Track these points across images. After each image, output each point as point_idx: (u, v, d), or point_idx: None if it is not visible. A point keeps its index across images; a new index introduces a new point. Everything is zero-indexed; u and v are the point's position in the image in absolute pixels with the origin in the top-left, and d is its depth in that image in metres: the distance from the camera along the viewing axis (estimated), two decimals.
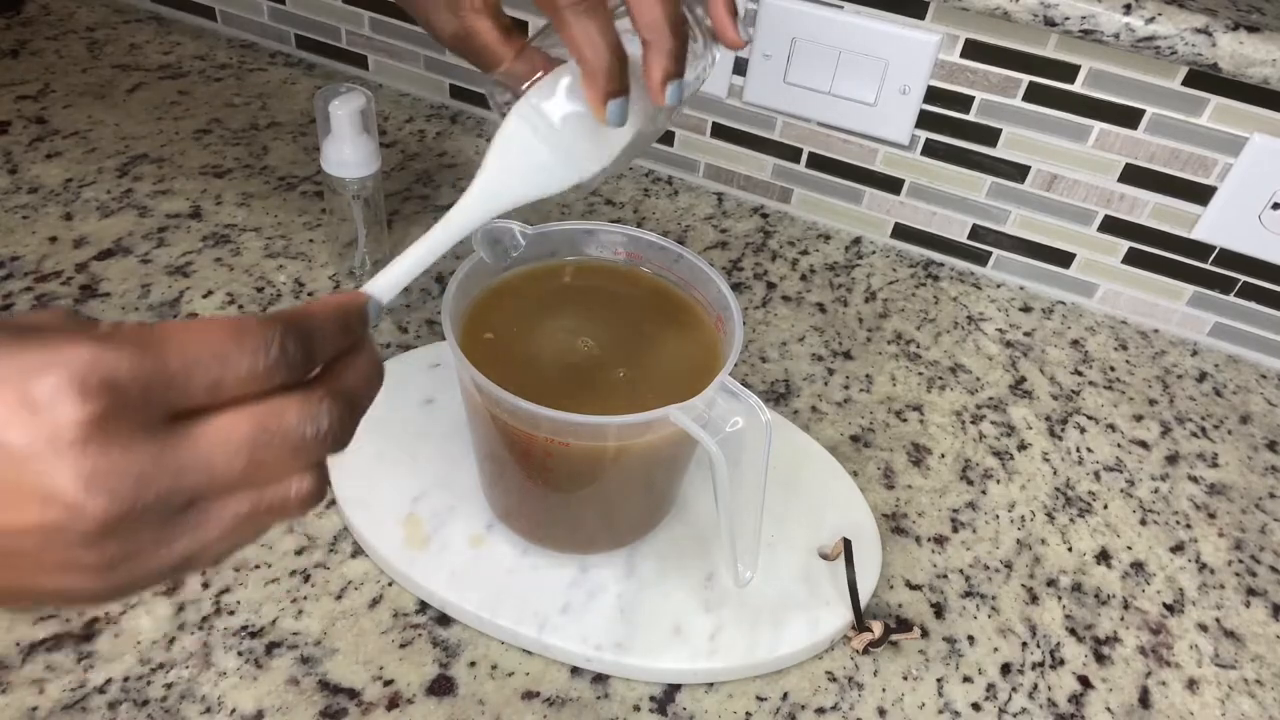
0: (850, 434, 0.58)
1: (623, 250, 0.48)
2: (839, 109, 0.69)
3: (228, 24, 0.88)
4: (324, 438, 0.29)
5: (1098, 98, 0.62)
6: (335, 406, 0.29)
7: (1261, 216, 0.62)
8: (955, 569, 0.52)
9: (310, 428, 0.28)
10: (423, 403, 0.54)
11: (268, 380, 0.28)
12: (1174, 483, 0.59)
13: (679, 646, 0.45)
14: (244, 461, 0.28)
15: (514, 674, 0.44)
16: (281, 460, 0.28)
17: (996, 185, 0.69)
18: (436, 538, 0.48)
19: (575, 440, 0.40)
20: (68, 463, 0.25)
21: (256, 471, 0.28)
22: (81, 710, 0.41)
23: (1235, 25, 0.56)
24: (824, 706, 0.45)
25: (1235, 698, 0.48)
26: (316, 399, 0.29)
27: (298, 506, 0.29)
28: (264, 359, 0.27)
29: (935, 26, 0.64)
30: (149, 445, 0.26)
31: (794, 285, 0.69)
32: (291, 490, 0.29)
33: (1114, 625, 0.50)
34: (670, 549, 0.49)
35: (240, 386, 0.27)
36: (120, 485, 0.25)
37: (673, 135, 0.76)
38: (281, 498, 0.29)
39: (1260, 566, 0.54)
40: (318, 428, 0.29)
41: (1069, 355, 0.67)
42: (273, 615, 0.45)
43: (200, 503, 0.28)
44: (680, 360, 0.45)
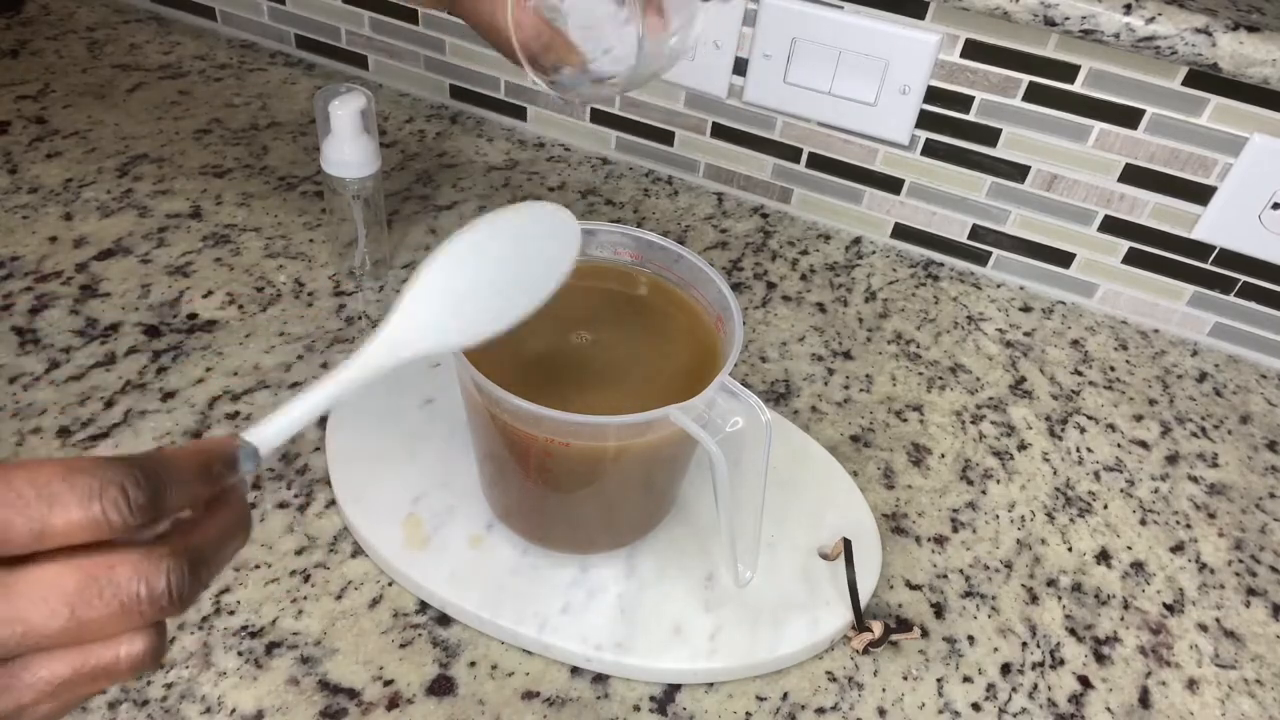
0: (850, 434, 0.58)
1: (623, 250, 0.48)
2: (839, 109, 0.69)
3: (228, 24, 0.88)
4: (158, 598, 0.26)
5: (1098, 98, 0.62)
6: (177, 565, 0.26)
7: (1261, 216, 0.62)
8: (955, 569, 0.52)
9: (143, 587, 0.25)
10: (423, 403, 0.54)
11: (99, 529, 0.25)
12: (1174, 483, 0.59)
13: (679, 646, 0.45)
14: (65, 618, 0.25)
15: (514, 674, 0.44)
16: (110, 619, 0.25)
17: (996, 185, 0.69)
18: (436, 538, 0.48)
19: (575, 440, 0.40)
20: None
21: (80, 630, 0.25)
22: (81, 710, 0.41)
23: (1235, 25, 0.56)
24: (824, 706, 0.45)
25: (1235, 698, 0.48)
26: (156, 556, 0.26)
27: (127, 669, 0.27)
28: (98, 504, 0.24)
29: (935, 26, 0.64)
30: None
31: (794, 285, 0.69)
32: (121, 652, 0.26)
33: (1114, 625, 0.50)
34: (670, 549, 0.49)
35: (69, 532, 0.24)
36: None
37: (672, 135, 0.76)
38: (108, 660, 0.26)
39: (1260, 566, 0.54)
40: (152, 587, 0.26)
41: (1069, 355, 0.67)
42: (273, 615, 0.45)
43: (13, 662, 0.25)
44: (680, 360, 0.45)
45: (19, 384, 0.53)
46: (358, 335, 0.60)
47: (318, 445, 0.53)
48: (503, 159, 0.78)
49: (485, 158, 0.78)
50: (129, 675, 0.27)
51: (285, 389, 0.55)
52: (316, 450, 0.52)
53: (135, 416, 0.53)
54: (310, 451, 0.52)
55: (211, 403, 0.54)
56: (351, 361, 0.33)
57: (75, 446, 0.51)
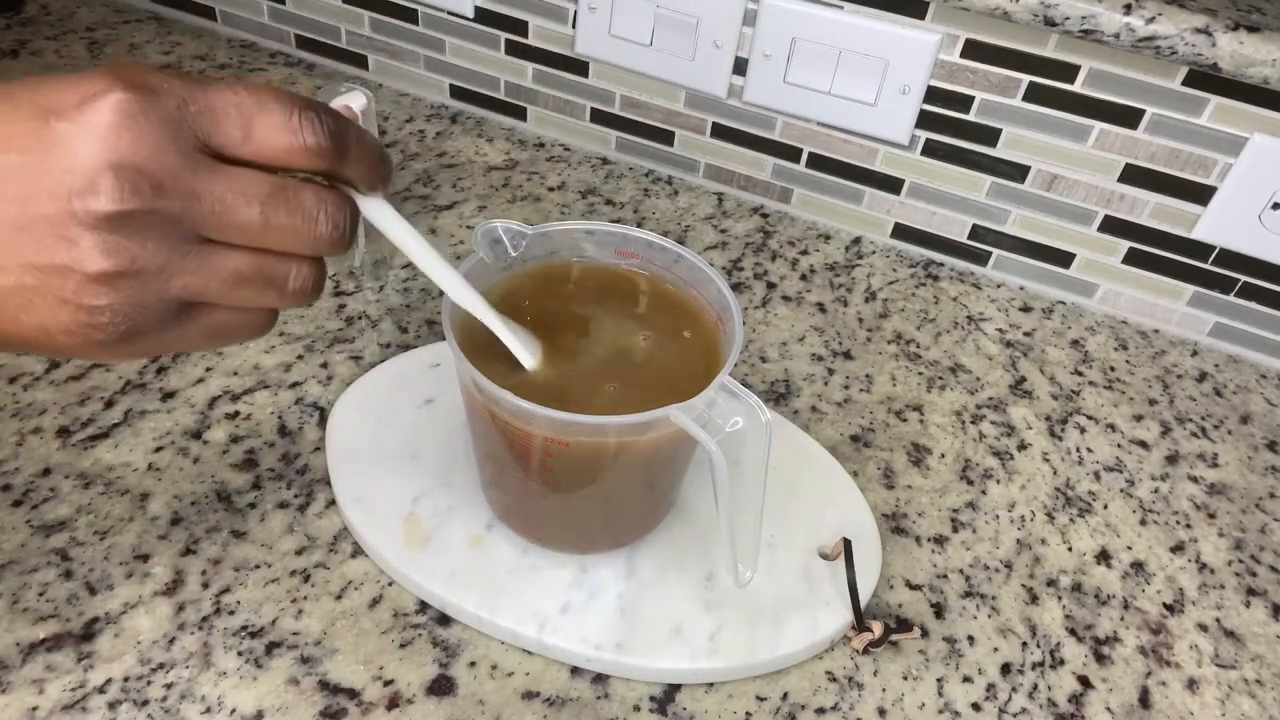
0: (850, 434, 0.58)
1: (623, 250, 0.48)
2: (839, 109, 0.69)
3: (228, 24, 0.88)
4: (331, 230, 0.30)
5: (1098, 98, 0.62)
6: (347, 205, 0.30)
7: (1261, 216, 0.62)
8: (955, 569, 0.52)
9: (321, 213, 0.29)
10: (423, 403, 0.54)
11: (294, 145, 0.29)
12: (1174, 483, 0.59)
13: (679, 646, 0.45)
14: (255, 214, 0.28)
15: (514, 674, 0.44)
16: (289, 232, 0.29)
17: (996, 185, 0.69)
18: (436, 538, 0.48)
19: (575, 440, 0.40)
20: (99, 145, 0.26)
21: (264, 231, 0.29)
22: (81, 710, 0.41)
23: (1235, 25, 0.56)
24: (824, 706, 0.45)
25: (1235, 698, 0.48)
26: (334, 194, 0.30)
27: (294, 290, 0.30)
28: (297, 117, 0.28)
29: (935, 26, 0.64)
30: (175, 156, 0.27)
31: (794, 285, 0.69)
32: (291, 270, 0.30)
33: (1114, 625, 0.50)
34: (670, 549, 0.49)
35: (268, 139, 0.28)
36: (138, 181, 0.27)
37: (672, 135, 0.76)
38: (281, 273, 0.30)
39: (1260, 566, 0.54)
40: (330, 215, 0.30)
41: (1069, 355, 0.67)
42: (273, 615, 0.45)
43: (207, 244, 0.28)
44: (680, 360, 0.45)
45: (19, 384, 0.53)
46: (358, 335, 0.60)
47: (318, 445, 0.53)
48: (503, 159, 0.78)
49: (485, 158, 0.78)
50: (294, 299, 0.31)
51: (285, 389, 0.55)
52: (316, 450, 0.52)
53: (135, 416, 0.53)
54: (310, 451, 0.52)
55: (211, 403, 0.54)
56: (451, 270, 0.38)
57: (75, 447, 0.51)
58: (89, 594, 0.45)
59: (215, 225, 0.28)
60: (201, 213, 0.28)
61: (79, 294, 0.27)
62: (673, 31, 0.70)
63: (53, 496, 0.48)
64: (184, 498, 0.49)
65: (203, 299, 0.30)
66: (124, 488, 0.49)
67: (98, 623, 0.44)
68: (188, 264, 0.28)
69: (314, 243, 0.30)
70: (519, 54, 0.77)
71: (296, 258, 0.30)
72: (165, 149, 0.27)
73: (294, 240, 0.30)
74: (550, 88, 0.78)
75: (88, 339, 0.28)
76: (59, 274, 0.27)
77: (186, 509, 0.49)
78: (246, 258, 0.29)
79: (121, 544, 0.47)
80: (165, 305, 0.29)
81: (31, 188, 0.27)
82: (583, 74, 0.76)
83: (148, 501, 0.49)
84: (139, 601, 0.45)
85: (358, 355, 0.58)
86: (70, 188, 0.27)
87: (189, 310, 0.30)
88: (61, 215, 0.27)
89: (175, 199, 0.28)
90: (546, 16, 0.74)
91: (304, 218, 0.29)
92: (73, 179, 0.27)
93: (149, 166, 0.27)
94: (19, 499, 0.48)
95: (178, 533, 0.48)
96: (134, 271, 0.28)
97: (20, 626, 0.43)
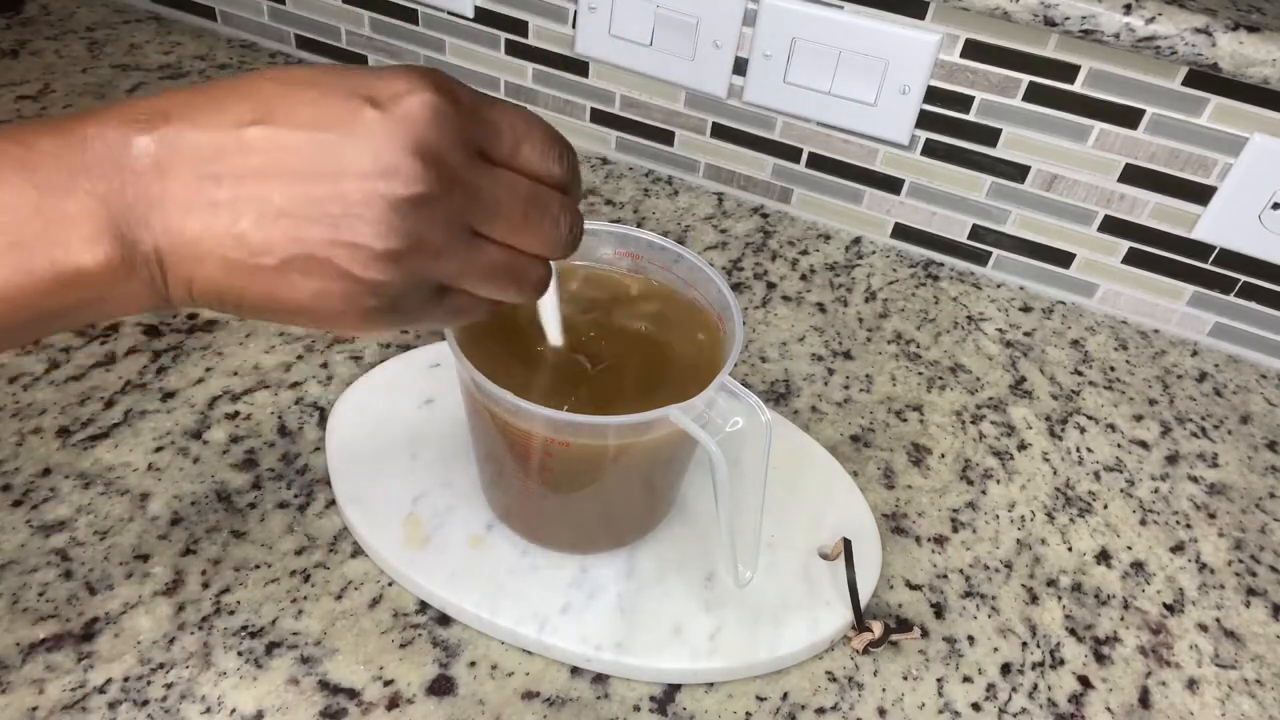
0: (850, 434, 0.58)
1: (623, 250, 0.48)
2: (839, 109, 0.69)
3: (228, 24, 0.88)
4: (568, 233, 0.34)
5: (1098, 98, 0.62)
6: (579, 220, 0.35)
7: (1261, 216, 0.62)
8: (955, 569, 0.52)
9: (564, 216, 0.34)
10: (423, 403, 0.54)
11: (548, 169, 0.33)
12: (1174, 483, 0.59)
13: (679, 646, 0.45)
14: (519, 211, 0.32)
15: (514, 674, 0.44)
16: (538, 231, 0.33)
17: (996, 185, 0.69)
18: (436, 538, 0.48)
19: (575, 440, 0.40)
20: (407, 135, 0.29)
21: (522, 229, 0.33)
22: (81, 710, 0.41)
23: (1235, 25, 0.56)
24: (824, 706, 0.45)
25: (1235, 698, 0.48)
26: (573, 204, 0.35)
27: (531, 283, 0.35)
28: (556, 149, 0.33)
29: (935, 26, 0.64)
30: (464, 155, 0.31)
31: (794, 285, 0.69)
32: (532, 269, 0.34)
33: (1114, 625, 0.50)
34: (670, 549, 0.49)
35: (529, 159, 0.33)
36: (439, 170, 0.30)
37: (672, 135, 0.76)
38: (523, 271, 0.34)
39: (1260, 566, 0.54)
40: (569, 222, 0.34)
41: (1069, 355, 0.67)
42: (273, 615, 0.45)
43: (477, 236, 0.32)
44: (680, 360, 0.45)
45: (19, 384, 0.53)
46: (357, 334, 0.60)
47: (318, 445, 0.53)
48: None
49: None
50: (530, 293, 0.35)
51: (285, 389, 0.55)
52: (316, 450, 0.52)
53: (135, 416, 0.53)
54: (310, 451, 0.52)
55: (211, 403, 0.54)
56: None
57: (75, 447, 0.51)
58: (89, 594, 0.45)
59: (488, 218, 0.32)
60: (479, 206, 0.31)
61: (366, 268, 0.30)
62: (673, 31, 0.70)
63: (53, 496, 0.48)
64: (184, 498, 0.49)
65: (458, 285, 0.33)
66: (124, 488, 0.49)
67: (98, 623, 0.44)
68: (459, 251, 0.31)
69: (554, 244, 0.34)
70: (519, 54, 0.77)
71: (537, 258, 0.34)
72: (459, 148, 0.30)
73: (540, 239, 0.34)
74: (550, 88, 0.78)
75: (357, 309, 0.31)
76: (351, 248, 0.29)
77: (186, 509, 0.49)
78: (503, 253, 0.33)
79: (121, 544, 0.47)
80: (430, 286, 0.32)
81: (339, 166, 0.29)
82: (583, 74, 0.76)
83: (148, 501, 0.49)
84: (139, 601, 0.45)
85: (358, 355, 0.58)
86: (378, 169, 0.29)
87: (443, 291, 0.33)
88: (364, 194, 0.29)
89: (461, 191, 0.31)
90: (546, 16, 0.74)
91: (551, 220, 0.33)
92: (381, 161, 0.29)
93: (447, 159, 0.30)
94: (19, 499, 0.48)
95: (178, 533, 0.48)
96: (418, 251, 0.30)
97: (20, 626, 0.43)
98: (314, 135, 0.29)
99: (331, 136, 0.29)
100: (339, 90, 0.30)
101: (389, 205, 0.29)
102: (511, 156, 0.32)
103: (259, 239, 0.29)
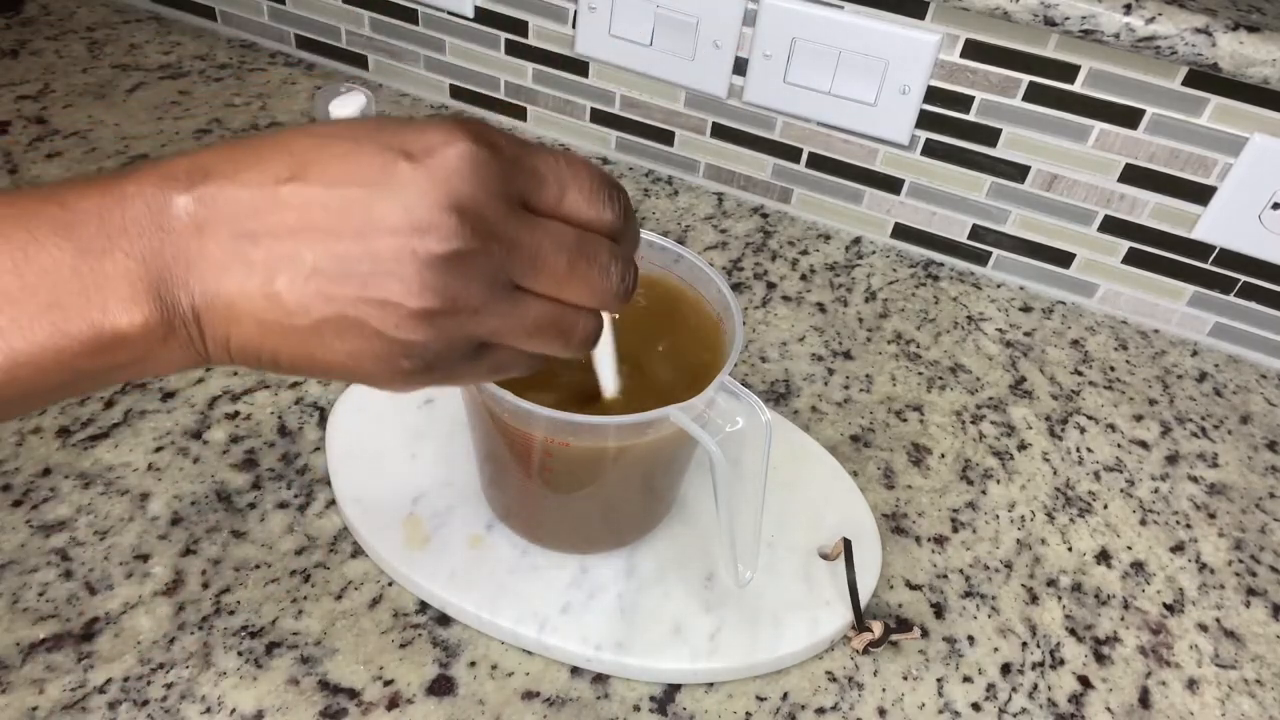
0: (850, 434, 0.58)
1: None
2: (839, 109, 0.69)
3: (228, 24, 0.88)
4: (619, 283, 0.33)
5: (1098, 98, 0.62)
6: (632, 269, 0.33)
7: (1261, 216, 0.62)
8: (955, 569, 0.52)
9: (614, 266, 0.32)
10: (423, 403, 0.54)
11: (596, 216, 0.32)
12: (1174, 483, 0.59)
13: (679, 646, 0.45)
14: (565, 263, 0.31)
15: (514, 674, 0.44)
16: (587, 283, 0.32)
17: (996, 185, 0.69)
18: (436, 538, 0.48)
19: (575, 440, 0.40)
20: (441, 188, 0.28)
21: (568, 281, 0.31)
22: (81, 710, 0.41)
23: (1235, 25, 0.56)
24: (824, 706, 0.45)
25: (1235, 698, 0.48)
26: (624, 254, 0.33)
27: (580, 338, 0.33)
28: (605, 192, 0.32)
29: (935, 26, 0.64)
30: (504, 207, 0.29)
31: (794, 285, 0.69)
32: (580, 321, 0.33)
33: (1114, 625, 0.50)
34: (670, 549, 0.49)
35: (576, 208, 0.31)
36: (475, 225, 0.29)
37: (672, 135, 0.76)
38: (571, 325, 0.32)
39: (1260, 566, 0.54)
40: (621, 273, 0.33)
41: (1069, 355, 0.67)
42: (273, 615, 0.45)
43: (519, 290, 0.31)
44: (680, 360, 0.45)
45: None
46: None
47: (318, 445, 0.53)
48: None
49: None
50: (577, 348, 0.33)
51: (285, 389, 0.55)
52: (316, 450, 0.52)
53: (135, 416, 0.53)
54: (310, 451, 0.52)
55: (211, 403, 0.54)
56: None
57: (75, 447, 0.51)
58: (89, 594, 0.45)
59: (529, 272, 0.30)
60: (520, 260, 0.30)
61: (399, 328, 0.29)
62: (673, 31, 0.70)
63: (53, 496, 0.48)
64: (184, 498, 0.49)
65: (500, 341, 0.31)
66: (124, 488, 0.49)
67: (98, 623, 0.44)
68: (499, 308, 0.30)
69: (603, 295, 0.32)
70: (519, 54, 0.77)
71: (585, 310, 0.33)
72: (498, 199, 0.29)
73: (589, 291, 0.32)
74: (550, 88, 0.78)
75: (393, 369, 0.30)
76: (383, 307, 0.28)
77: (186, 509, 0.49)
78: (548, 307, 0.32)
79: (121, 544, 0.47)
80: (470, 343, 0.31)
81: (370, 223, 0.28)
82: (583, 74, 0.76)
83: (148, 501, 0.49)
84: (139, 601, 0.45)
85: None
86: (410, 224, 0.28)
87: (484, 348, 0.32)
88: (397, 251, 0.28)
89: (502, 245, 0.29)
90: (546, 16, 0.74)
91: (600, 270, 0.32)
92: (414, 217, 0.28)
93: (485, 213, 0.29)
94: (19, 499, 0.48)
95: (178, 533, 0.48)
96: (454, 310, 0.29)
97: (20, 626, 0.43)
98: (346, 191, 0.28)
99: (363, 192, 0.28)
100: (373, 144, 0.29)
101: (422, 263, 0.28)
102: (557, 205, 0.31)
103: (292, 299, 0.28)
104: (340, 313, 0.29)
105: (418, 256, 0.28)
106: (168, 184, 0.28)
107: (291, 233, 0.28)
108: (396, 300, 0.28)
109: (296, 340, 0.29)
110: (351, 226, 0.28)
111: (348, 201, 0.28)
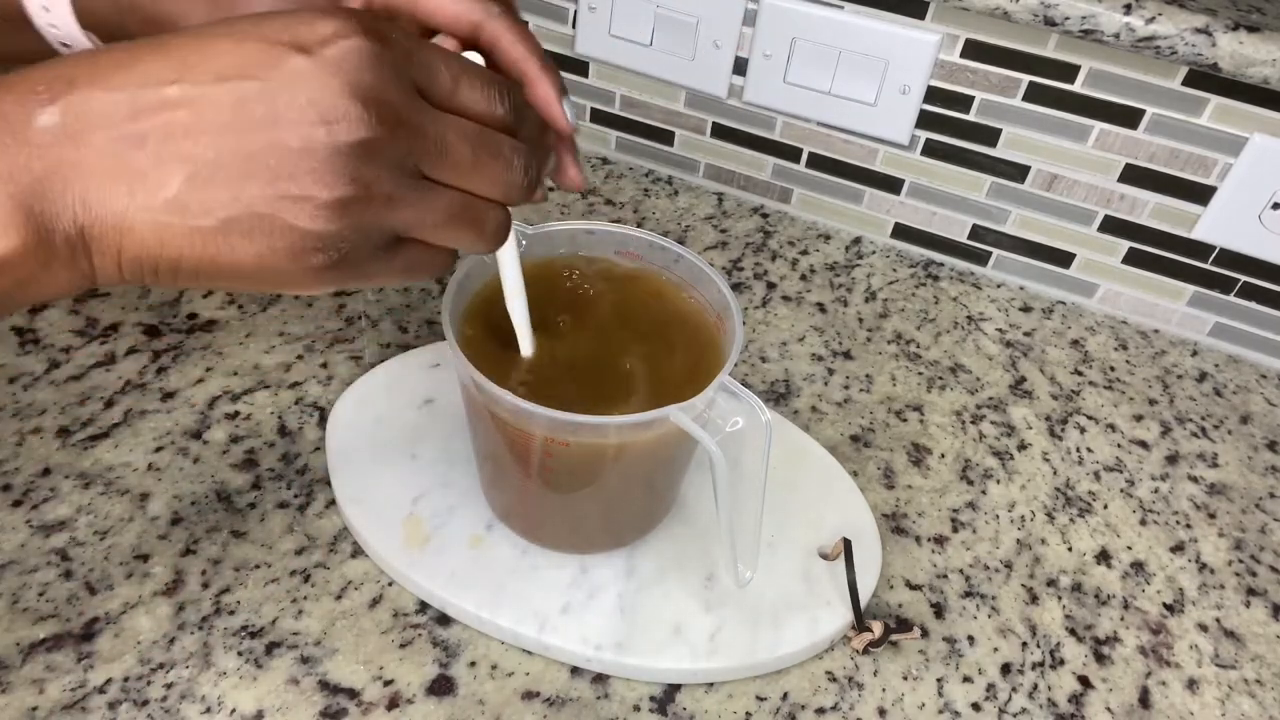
0: (850, 434, 0.58)
1: (623, 250, 0.48)
2: (839, 109, 0.69)
3: None
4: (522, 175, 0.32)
5: (1098, 98, 0.62)
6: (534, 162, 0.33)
7: (1261, 216, 0.62)
8: (955, 569, 0.52)
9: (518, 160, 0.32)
10: (423, 403, 0.54)
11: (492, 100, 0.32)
12: (1174, 483, 0.59)
13: (679, 646, 0.45)
14: (469, 152, 0.31)
15: (514, 674, 0.44)
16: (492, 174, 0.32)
17: (996, 185, 0.69)
18: (436, 538, 0.48)
19: (575, 440, 0.40)
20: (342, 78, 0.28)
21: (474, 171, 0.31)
22: (81, 710, 0.41)
23: (1235, 25, 0.56)
24: (824, 706, 0.45)
25: (1235, 698, 0.48)
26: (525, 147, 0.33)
27: (491, 235, 0.33)
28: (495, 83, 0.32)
29: (935, 26, 0.64)
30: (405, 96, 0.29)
31: (794, 285, 0.69)
32: (491, 213, 0.33)
33: (1114, 625, 0.50)
34: (670, 549, 0.49)
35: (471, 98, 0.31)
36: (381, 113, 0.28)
37: (672, 135, 0.76)
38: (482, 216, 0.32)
39: (1260, 566, 0.54)
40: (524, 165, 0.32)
41: (1069, 355, 0.67)
42: (273, 615, 0.45)
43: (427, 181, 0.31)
44: (680, 360, 0.45)
45: (19, 384, 0.53)
46: (357, 335, 0.59)
47: (318, 445, 0.53)
48: None
49: None
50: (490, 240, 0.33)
51: (285, 389, 0.55)
52: (316, 450, 0.52)
53: (135, 416, 0.53)
54: (310, 451, 0.52)
55: (211, 403, 0.54)
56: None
57: (75, 446, 0.51)
58: (89, 594, 0.45)
59: (435, 161, 0.30)
60: (426, 148, 0.30)
61: (313, 219, 0.28)
62: (673, 31, 0.70)
63: (53, 496, 0.48)
64: (184, 498, 0.49)
65: (413, 233, 0.31)
66: (124, 488, 0.49)
67: (98, 623, 0.44)
68: (410, 197, 0.30)
69: (508, 187, 0.32)
70: None
71: (494, 202, 0.33)
72: (399, 89, 0.29)
73: (493, 182, 0.32)
74: None
75: (305, 266, 0.29)
76: (294, 200, 0.28)
77: (186, 509, 0.49)
78: (458, 196, 0.31)
79: (121, 544, 0.47)
80: (382, 235, 0.30)
81: (273, 115, 0.27)
82: (583, 74, 0.76)
83: (148, 501, 0.49)
84: (139, 601, 0.45)
85: (358, 355, 0.58)
86: (318, 115, 0.27)
87: (396, 243, 0.31)
88: (306, 141, 0.28)
89: (408, 133, 0.29)
90: (546, 16, 0.74)
91: (504, 162, 0.32)
92: (320, 108, 0.27)
93: (390, 100, 0.29)
94: (19, 499, 0.48)
95: (178, 533, 0.48)
96: (368, 198, 0.29)
97: (20, 626, 0.43)
98: (239, 85, 0.27)
99: (259, 85, 0.27)
100: (258, 38, 0.28)
101: (332, 152, 0.28)
102: (451, 97, 0.31)
103: (194, 200, 0.28)
104: (249, 209, 0.28)
105: (327, 146, 0.28)
106: (28, 99, 0.27)
107: (186, 132, 0.27)
108: (308, 192, 0.28)
109: (200, 244, 0.28)
110: (252, 120, 0.27)
111: (244, 96, 0.28)
